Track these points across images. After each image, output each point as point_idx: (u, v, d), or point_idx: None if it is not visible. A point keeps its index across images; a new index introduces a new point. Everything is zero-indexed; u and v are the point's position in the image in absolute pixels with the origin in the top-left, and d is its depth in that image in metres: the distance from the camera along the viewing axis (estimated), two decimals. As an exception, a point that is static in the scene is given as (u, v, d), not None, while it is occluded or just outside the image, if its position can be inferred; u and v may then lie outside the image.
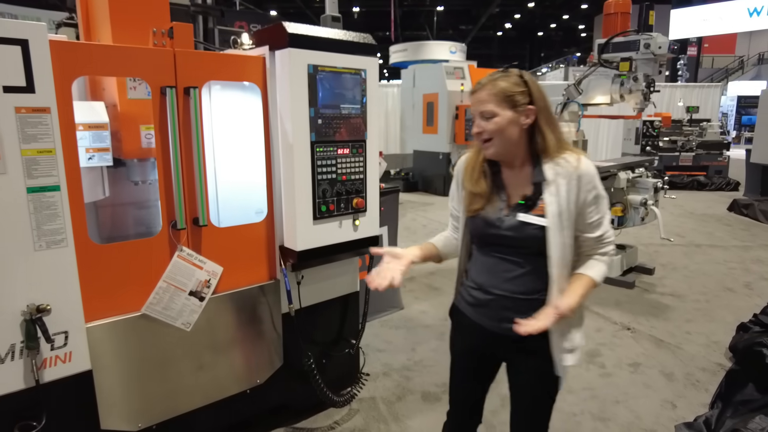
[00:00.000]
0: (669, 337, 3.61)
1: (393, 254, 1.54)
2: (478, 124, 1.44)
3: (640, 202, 4.48)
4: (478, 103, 1.43)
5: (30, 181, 1.59)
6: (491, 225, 1.48)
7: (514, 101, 1.40)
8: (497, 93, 1.39)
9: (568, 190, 1.40)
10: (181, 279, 1.93)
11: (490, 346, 1.59)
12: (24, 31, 1.51)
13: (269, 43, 2.03)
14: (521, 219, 1.42)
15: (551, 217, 1.39)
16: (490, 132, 1.41)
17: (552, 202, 1.40)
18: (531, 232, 1.41)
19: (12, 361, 1.62)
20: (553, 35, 33.74)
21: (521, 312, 1.42)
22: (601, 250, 1.48)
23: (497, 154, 1.45)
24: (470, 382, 1.72)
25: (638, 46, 4.51)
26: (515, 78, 1.42)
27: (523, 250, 1.45)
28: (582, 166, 1.40)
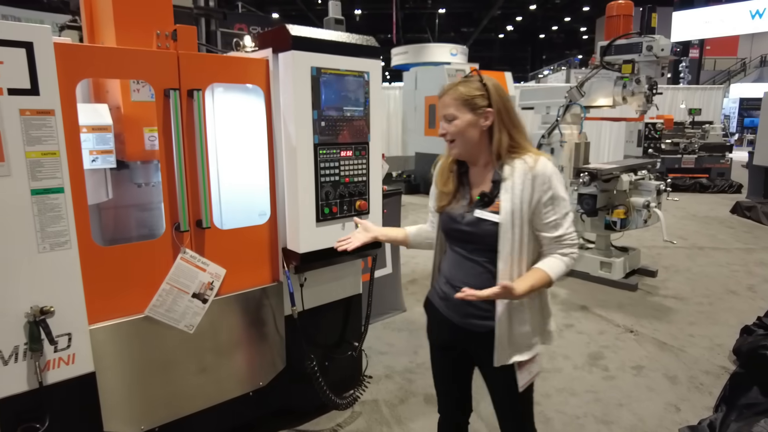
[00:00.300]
0: (672, 340, 3.60)
1: (365, 227, 1.78)
2: (442, 126, 1.55)
3: (642, 204, 4.48)
4: (441, 107, 1.54)
5: (34, 183, 1.59)
6: (454, 220, 1.58)
7: (473, 104, 1.49)
8: (457, 97, 1.50)
9: (522, 189, 1.46)
10: (184, 281, 1.93)
11: (461, 341, 1.65)
12: (29, 34, 1.52)
13: (273, 45, 2.04)
14: (477, 215, 1.51)
15: (504, 214, 1.46)
16: (452, 134, 1.52)
17: (506, 199, 1.47)
18: (486, 228, 1.49)
19: (15, 363, 1.62)
20: (555, 37, 33.76)
21: (482, 308, 1.53)
22: (560, 251, 1.51)
23: (460, 154, 1.56)
24: (449, 375, 1.78)
25: (641, 49, 4.51)
26: (476, 83, 1.51)
27: (480, 246, 1.53)
28: (538, 167, 1.46)
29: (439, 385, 1.83)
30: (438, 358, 1.79)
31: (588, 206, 4.63)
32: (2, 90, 1.49)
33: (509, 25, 29.89)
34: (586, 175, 4.55)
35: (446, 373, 1.78)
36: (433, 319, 1.74)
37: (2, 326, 1.58)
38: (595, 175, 4.51)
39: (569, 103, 4.99)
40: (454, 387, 1.79)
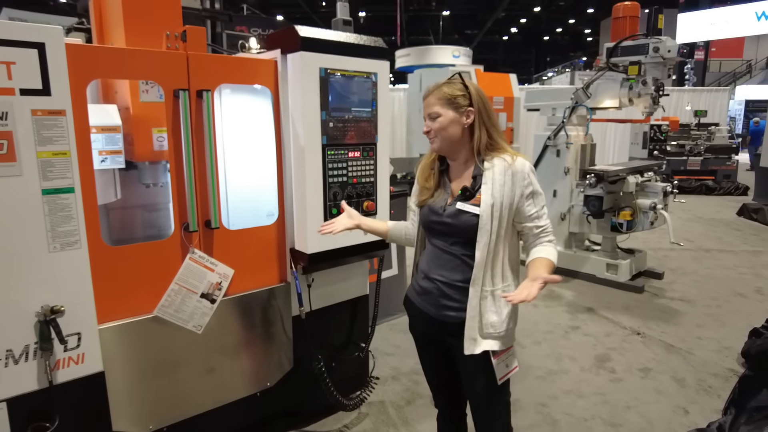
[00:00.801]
0: (680, 343, 3.58)
1: (349, 214, 1.83)
2: (426, 124, 1.63)
3: (649, 206, 4.46)
4: (426, 106, 1.63)
5: (45, 183, 1.60)
6: (435, 213, 1.64)
7: (456, 104, 1.59)
8: (441, 97, 1.59)
9: (503, 184, 1.55)
10: (193, 281, 1.94)
11: (438, 333, 1.70)
12: (41, 35, 1.53)
13: (281, 46, 2.04)
14: (459, 207, 1.58)
15: (484, 206, 1.54)
16: (435, 130, 1.60)
17: (486, 193, 1.55)
18: (466, 220, 1.56)
19: (26, 362, 1.62)
20: (559, 39, 33.70)
21: (456, 300, 1.60)
22: (546, 239, 1.62)
23: (442, 149, 1.64)
24: (434, 368, 1.84)
25: (647, 50, 4.50)
26: (458, 85, 1.61)
27: (459, 238, 1.60)
28: (517, 164, 1.57)
29: (429, 378, 1.89)
30: (422, 353, 1.85)
31: (594, 208, 4.62)
32: (14, 90, 1.50)
33: (513, 27, 29.87)
34: (592, 176, 4.54)
35: (431, 366, 1.85)
36: (411, 314, 1.79)
37: (13, 325, 1.59)
38: (602, 176, 4.50)
39: (575, 105, 4.98)
40: (441, 380, 1.85)
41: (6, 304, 1.56)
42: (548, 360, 3.35)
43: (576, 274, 5.10)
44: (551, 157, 5.15)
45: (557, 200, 5.14)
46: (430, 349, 1.81)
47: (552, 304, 4.39)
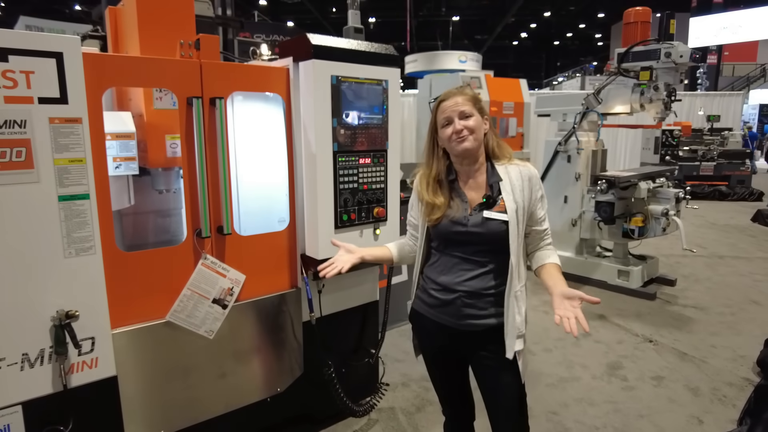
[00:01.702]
0: (693, 351, 3.53)
1: (347, 249, 1.74)
2: (457, 123, 1.58)
3: (661, 212, 4.42)
4: (456, 105, 1.59)
5: (61, 190, 1.63)
6: (458, 224, 1.61)
7: (480, 108, 1.62)
8: (470, 99, 1.61)
9: (522, 189, 1.60)
10: (205, 287, 1.95)
11: (454, 343, 1.68)
12: (59, 45, 1.56)
13: (293, 54, 2.06)
14: (486, 215, 1.58)
15: (511, 212, 1.56)
16: (469, 128, 1.58)
17: (509, 199, 1.58)
18: (495, 227, 1.57)
19: (41, 365, 1.65)
20: (570, 44, 33.59)
21: (480, 307, 1.60)
22: (547, 242, 1.69)
23: (472, 148, 1.60)
24: (449, 381, 1.82)
25: (659, 55, 4.47)
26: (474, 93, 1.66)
27: (485, 246, 1.59)
28: (531, 170, 1.65)
29: (441, 392, 1.87)
30: (436, 367, 1.82)
31: (605, 214, 4.58)
32: (33, 99, 1.53)
33: (523, 32, 29.83)
34: (603, 182, 4.51)
35: (445, 379, 1.82)
36: (424, 329, 1.75)
37: (29, 329, 1.61)
38: (613, 182, 4.46)
39: (586, 110, 4.96)
40: (454, 392, 1.83)
41: (22, 309, 1.59)
42: (559, 367, 3.32)
43: (587, 280, 5.06)
44: (562, 163, 5.12)
45: (568, 206, 5.11)
46: (445, 363, 1.78)
47: (563, 311, 4.35)
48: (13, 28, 7.97)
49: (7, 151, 1.50)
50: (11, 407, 1.61)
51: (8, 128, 1.50)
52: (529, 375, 3.13)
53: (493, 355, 1.62)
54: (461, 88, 1.67)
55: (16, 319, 1.58)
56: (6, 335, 1.57)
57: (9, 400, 1.60)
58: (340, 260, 1.68)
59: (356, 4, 4.74)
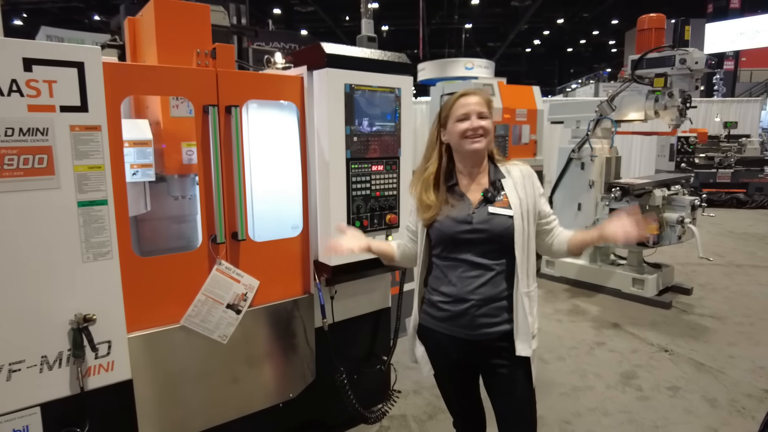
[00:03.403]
0: (710, 361, 3.47)
1: (355, 234, 1.76)
2: (474, 121, 1.59)
3: (676, 220, 4.36)
4: (476, 105, 1.60)
5: (80, 196, 1.66)
6: (462, 222, 1.58)
7: (491, 111, 1.64)
8: (486, 101, 1.63)
9: (524, 186, 1.62)
10: (219, 292, 1.97)
11: (468, 355, 1.66)
12: (80, 55, 1.60)
13: (307, 63, 2.09)
14: (491, 211, 1.57)
15: (515, 207, 1.57)
16: (486, 129, 1.60)
17: (513, 195, 1.59)
18: (501, 222, 1.56)
19: (59, 368, 1.68)
20: (583, 51, 33.42)
21: (494, 315, 1.58)
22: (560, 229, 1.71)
23: (480, 152, 1.62)
24: (462, 393, 1.79)
25: (673, 62, 4.44)
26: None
27: (493, 246, 1.57)
28: (529, 169, 1.68)
29: (456, 404, 1.84)
30: (449, 380, 1.78)
31: (620, 221, 4.54)
32: (55, 107, 1.57)
33: (536, 39, 29.76)
34: (618, 190, 4.47)
35: (458, 391, 1.80)
36: (436, 345, 1.70)
37: (48, 332, 1.64)
38: (627, 190, 4.42)
39: (600, 117, 4.93)
40: (467, 404, 1.81)
41: (42, 312, 1.62)
42: (572, 376, 3.29)
43: (601, 288, 5.00)
44: (576, 170, 5.10)
45: (582, 213, 5.08)
46: (458, 375, 1.75)
47: (576, 320, 4.31)
48: (34, 38, 8.17)
49: (30, 157, 1.54)
50: (30, 408, 1.64)
51: (31, 136, 1.54)
52: (541, 383, 3.11)
53: (506, 361, 1.61)
54: (479, 89, 1.70)
55: (35, 322, 1.62)
56: (26, 338, 1.60)
57: (28, 401, 1.63)
58: (350, 242, 1.71)
59: (370, 13, 4.79)
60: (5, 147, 1.50)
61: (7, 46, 1.48)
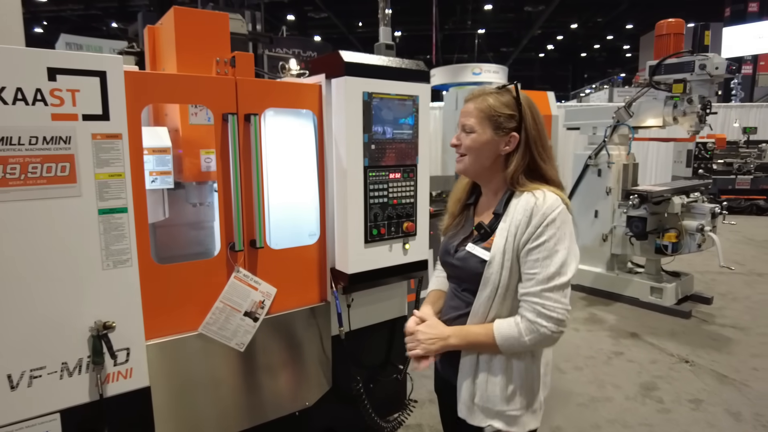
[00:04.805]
0: (733, 373, 3.39)
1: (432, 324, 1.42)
2: (457, 135, 1.37)
3: (696, 227, 4.29)
4: (463, 114, 1.36)
5: (101, 203, 1.67)
6: (447, 252, 1.45)
7: (498, 123, 1.31)
8: (483, 109, 1.32)
9: (518, 225, 1.26)
10: (237, 299, 1.97)
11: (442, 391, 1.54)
12: (102, 64, 1.61)
13: (325, 71, 2.09)
14: (468, 249, 1.35)
15: (494, 251, 1.28)
16: (465, 147, 1.35)
17: (501, 236, 1.28)
18: (473, 265, 1.32)
19: (79, 375, 1.68)
20: (597, 56, 33.19)
21: (455, 355, 1.37)
22: (528, 312, 1.24)
23: (466, 172, 1.39)
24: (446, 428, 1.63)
25: (693, 67, 4.38)
26: (508, 98, 1.32)
27: (468, 283, 1.36)
28: (542, 203, 1.25)
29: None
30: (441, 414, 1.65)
31: (637, 229, 4.48)
32: (78, 116, 1.58)
33: (550, 44, 29.63)
34: (635, 197, 4.41)
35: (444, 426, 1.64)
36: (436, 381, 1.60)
37: (69, 339, 1.65)
38: (646, 197, 4.37)
39: (617, 124, 4.88)
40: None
41: (63, 319, 1.63)
42: (590, 386, 3.24)
43: (618, 297, 4.94)
44: (592, 177, 5.05)
45: (599, 221, 5.02)
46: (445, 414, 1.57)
47: (593, 329, 4.25)
48: (54, 45, 8.33)
49: (53, 165, 1.56)
50: (50, 415, 1.64)
51: (54, 144, 1.56)
52: (559, 393, 3.06)
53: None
54: (487, 92, 1.35)
55: (56, 329, 1.62)
56: (47, 344, 1.61)
57: (48, 407, 1.64)
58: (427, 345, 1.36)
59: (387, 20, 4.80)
60: (29, 155, 1.52)
61: (33, 56, 1.50)
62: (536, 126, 1.33)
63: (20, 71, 1.48)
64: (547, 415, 1.67)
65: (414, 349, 1.38)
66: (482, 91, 1.36)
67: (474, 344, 1.32)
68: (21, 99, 1.49)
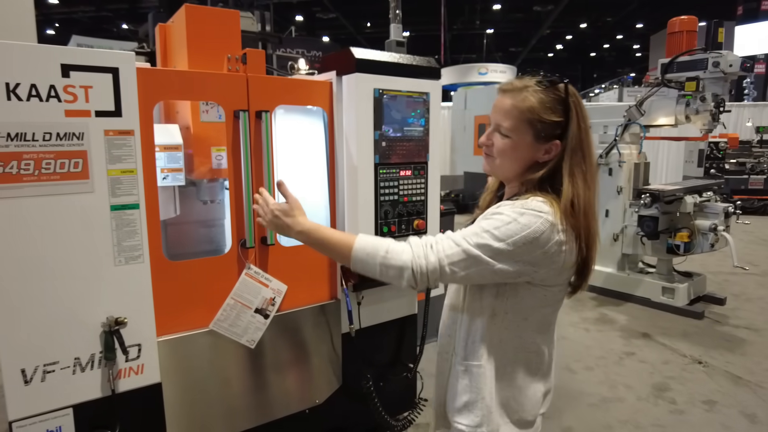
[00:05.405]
0: (748, 374, 3.35)
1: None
2: (489, 134, 1.21)
3: (709, 227, 4.24)
4: (497, 110, 1.18)
5: (113, 200, 1.68)
6: None
7: (539, 130, 1.14)
8: (523, 111, 1.13)
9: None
10: (248, 296, 1.97)
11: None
12: (115, 60, 1.62)
13: (336, 68, 2.09)
14: None
15: None
16: (497, 151, 1.19)
17: None
18: None
19: (91, 370, 1.69)
20: (606, 55, 32.98)
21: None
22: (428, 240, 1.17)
23: (494, 174, 1.31)
24: None
25: (706, 65, 4.33)
26: (554, 98, 1.13)
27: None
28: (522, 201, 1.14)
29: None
30: None
31: (649, 228, 4.44)
32: (91, 112, 1.59)
33: (559, 44, 29.49)
34: (647, 196, 4.37)
35: None
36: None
37: (81, 335, 1.66)
38: (657, 196, 4.32)
39: (628, 122, 4.83)
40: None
41: (76, 314, 1.64)
42: (602, 387, 3.20)
43: (629, 297, 4.89)
44: (603, 176, 5.00)
45: (609, 220, 4.98)
46: None
47: (604, 329, 4.21)
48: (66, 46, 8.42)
49: (66, 162, 1.57)
50: (64, 409, 1.65)
51: (68, 140, 1.56)
52: (569, 393, 3.04)
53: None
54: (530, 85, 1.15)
55: (69, 324, 1.63)
56: (60, 339, 1.62)
57: (61, 402, 1.65)
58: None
59: (398, 18, 4.80)
60: (43, 151, 1.52)
61: (47, 53, 1.51)
62: (582, 134, 1.15)
63: (35, 68, 1.49)
64: (558, 415, 1.65)
65: (259, 215, 1.42)
66: (523, 84, 1.16)
67: (322, 243, 1.29)
68: (35, 95, 1.49)
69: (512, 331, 1.24)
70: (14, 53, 1.46)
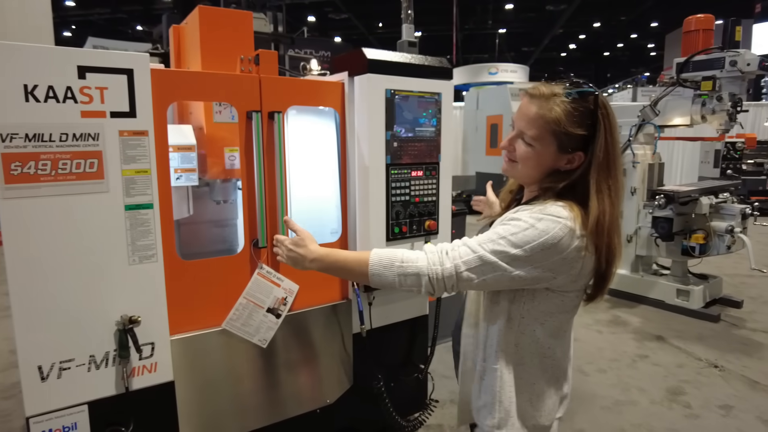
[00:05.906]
0: (765, 379, 3.29)
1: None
2: (511, 139, 1.21)
3: (725, 229, 4.18)
4: (522, 116, 1.17)
5: (128, 200, 1.70)
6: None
7: (563, 142, 1.13)
8: (549, 121, 1.12)
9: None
10: (260, 296, 1.98)
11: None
12: (130, 61, 1.64)
13: (348, 68, 2.09)
14: None
15: None
16: (519, 158, 1.20)
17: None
18: None
19: (106, 368, 1.71)
20: (620, 55, 32.63)
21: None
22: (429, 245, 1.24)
23: (512, 176, 1.32)
24: None
25: (723, 64, 4.26)
26: (583, 110, 1.11)
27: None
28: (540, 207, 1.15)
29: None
30: None
31: (663, 230, 4.38)
32: (106, 113, 1.61)
33: (572, 44, 29.25)
34: (662, 197, 4.31)
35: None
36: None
37: (96, 333, 1.68)
38: (672, 197, 4.27)
39: (642, 123, 4.78)
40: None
41: (91, 312, 1.66)
42: (614, 390, 3.17)
43: (643, 299, 4.83)
44: (616, 177, 4.95)
45: (623, 221, 4.92)
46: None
47: (617, 331, 4.17)
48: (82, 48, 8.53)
49: (82, 162, 1.59)
50: (79, 406, 1.67)
51: (83, 141, 1.58)
52: (582, 395, 3.01)
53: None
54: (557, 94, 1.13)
55: (85, 322, 1.65)
56: (76, 337, 1.64)
57: (77, 399, 1.67)
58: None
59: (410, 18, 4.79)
60: (60, 152, 1.55)
61: (63, 54, 1.53)
62: (610, 146, 1.13)
63: (52, 69, 1.51)
64: (570, 417, 1.64)
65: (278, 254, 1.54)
66: (551, 91, 1.15)
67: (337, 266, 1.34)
68: (52, 96, 1.52)
69: (528, 336, 1.25)
70: (32, 55, 1.48)
